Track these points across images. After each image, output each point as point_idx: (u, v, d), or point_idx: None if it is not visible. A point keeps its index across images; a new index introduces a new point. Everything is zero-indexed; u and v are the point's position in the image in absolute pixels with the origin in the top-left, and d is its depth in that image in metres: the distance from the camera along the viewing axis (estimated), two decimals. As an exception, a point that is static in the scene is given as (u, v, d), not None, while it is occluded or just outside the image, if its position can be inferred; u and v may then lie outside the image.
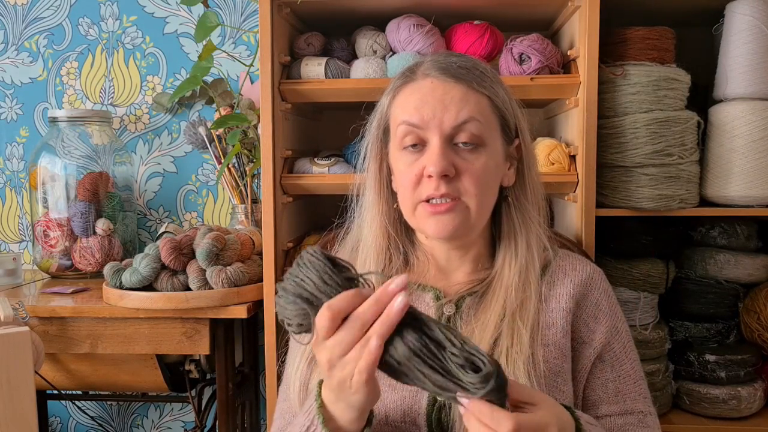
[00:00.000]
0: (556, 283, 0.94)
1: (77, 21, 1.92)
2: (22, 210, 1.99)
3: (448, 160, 0.85)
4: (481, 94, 0.88)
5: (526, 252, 0.91)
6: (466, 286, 0.94)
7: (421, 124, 0.86)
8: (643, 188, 1.32)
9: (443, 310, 0.91)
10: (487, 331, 0.86)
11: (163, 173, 1.93)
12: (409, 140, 0.88)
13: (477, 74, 0.88)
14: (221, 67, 1.83)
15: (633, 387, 0.93)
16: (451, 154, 0.86)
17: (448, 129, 0.86)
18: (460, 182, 0.86)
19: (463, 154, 0.86)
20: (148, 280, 1.38)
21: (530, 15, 1.49)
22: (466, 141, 0.86)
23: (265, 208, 1.37)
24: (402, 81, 0.91)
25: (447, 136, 0.86)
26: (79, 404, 2.01)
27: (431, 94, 0.87)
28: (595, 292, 0.95)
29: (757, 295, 1.46)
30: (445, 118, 0.85)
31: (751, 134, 1.31)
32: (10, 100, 1.97)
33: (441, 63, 0.89)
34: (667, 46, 1.34)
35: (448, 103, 0.86)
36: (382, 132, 0.94)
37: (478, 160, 0.86)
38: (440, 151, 0.85)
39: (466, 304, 0.92)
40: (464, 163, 0.86)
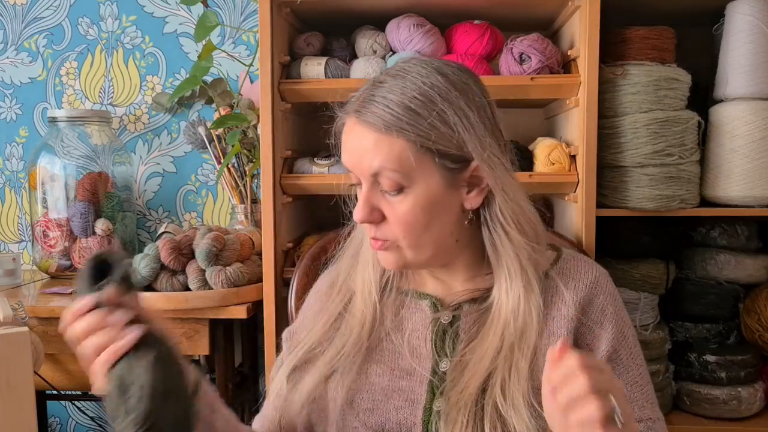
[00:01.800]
0: (559, 288, 0.90)
1: (77, 21, 1.92)
2: (22, 210, 1.99)
3: (370, 208, 0.83)
4: (397, 137, 0.80)
5: (518, 272, 0.86)
6: (464, 293, 0.91)
7: (350, 168, 0.85)
8: (643, 188, 1.31)
9: (440, 318, 0.89)
10: (484, 361, 0.84)
11: (163, 173, 1.93)
12: (353, 178, 0.87)
13: (393, 113, 0.80)
14: (221, 67, 1.83)
15: (641, 394, 0.90)
16: (376, 199, 0.84)
17: (367, 176, 0.83)
18: (387, 226, 0.84)
19: (388, 198, 0.83)
20: (148, 280, 1.38)
21: (530, 15, 1.48)
22: (387, 189, 0.83)
23: (264, 208, 1.36)
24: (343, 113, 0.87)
25: (371, 183, 0.83)
26: (78, 405, 2.00)
27: (350, 138, 0.84)
28: (600, 296, 0.91)
29: (757, 296, 1.45)
30: (361, 167, 0.83)
31: (751, 134, 1.31)
32: (9, 100, 1.96)
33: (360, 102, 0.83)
34: (668, 46, 1.34)
35: (361, 151, 0.82)
36: None
37: (402, 204, 0.82)
38: (363, 199, 0.84)
39: (465, 312, 0.89)
40: (389, 207, 0.83)
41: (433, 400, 0.85)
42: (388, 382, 0.88)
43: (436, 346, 0.88)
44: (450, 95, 0.82)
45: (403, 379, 0.87)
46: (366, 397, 0.88)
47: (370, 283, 0.92)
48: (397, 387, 0.87)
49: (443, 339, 0.88)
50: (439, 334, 0.88)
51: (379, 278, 0.93)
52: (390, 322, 0.91)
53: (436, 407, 0.84)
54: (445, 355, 0.87)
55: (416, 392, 0.86)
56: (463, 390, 0.82)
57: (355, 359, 0.89)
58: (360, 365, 0.89)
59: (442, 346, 0.88)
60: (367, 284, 0.92)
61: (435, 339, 0.88)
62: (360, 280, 0.93)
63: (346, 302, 0.94)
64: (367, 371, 0.89)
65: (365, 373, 0.89)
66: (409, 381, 0.87)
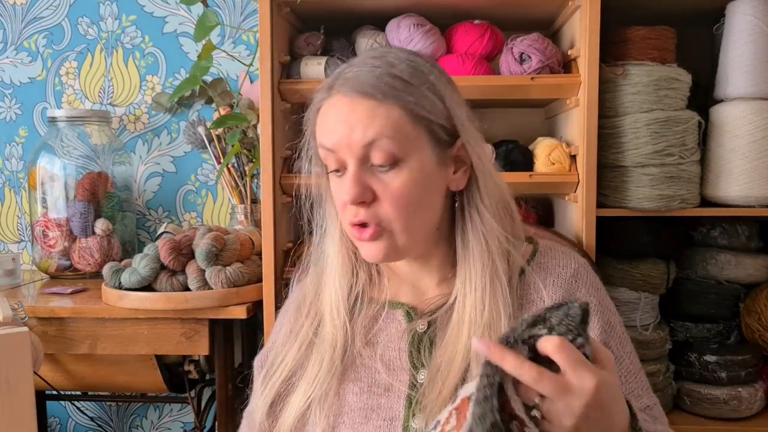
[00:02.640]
0: (536, 284, 0.86)
1: (76, 20, 1.92)
2: (21, 210, 1.99)
3: (361, 186, 0.79)
4: (392, 105, 0.78)
5: (485, 262, 0.83)
6: (435, 299, 0.88)
7: (335, 148, 0.80)
8: (643, 188, 1.31)
9: (416, 327, 0.86)
10: (456, 362, 0.80)
11: (163, 173, 1.93)
12: (331, 165, 0.82)
13: (386, 82, 0.79)
14: (221, 67, 1.83)
15: (635, 383, 0.88)
16: (366, 177, 0.79)
17: (357, 150, 0.78)
18: (379, 206, 0.80)
19: (379, 175, 0.79)
20: (148, 280, 1.38)
21: (530, 15, 1.48)
22: (380, 163, 0.79)
23: (264, 208, 1.36)
24: (321, 97, 0.84)
25: (360, 158, 0.79)
26: (78, 405, 2.00)
27: (338, 114, 0.80)
28: (581, 289, 0.87)
29: (757, 296, 1.45)
30: (352, 139, 0.78)
31: (752, 134, 1.31)
32: (9, 99, 1.96)
33: (349, 74, 0.81)
34: (668, 46, 1.34)
35: (354, 122, 0.78)
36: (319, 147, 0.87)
37: (396, 179, 0.79)
38: (353, 177, 0.79)
39: (439, 319, 0.85)
40: (381, 185, 0.79)
41: (411, 418, 0.81)
42: (366, 401, 0.84)
43: (413, 356, 0.84)
44: (434, 71, 0.83)
45: (381, 396, 0.84)
46: (347, 421, 0.84)
47: (338, 301, 0.88)
48: (375, 405, 0.83)
49: (419, 349, 0.84)
50: (415, 344, 0.85)
51: (347, 294, 0.89)
52: (363, 338, 0.87)
53: (414, 425, 0.80)
54: (422, 366, 0.83)
55: (394, 409, 0.82)
56: (437, 396, 0.79)
57: (330, 384, 0.85)
58: (336, 389, 0.85)
59: (418, 356, 0.84)
60: (334, 304, 0.88)
61: (411, 350, 0.85)
62: (327, 301, 0.89)
63: (315, 326, 0.90)
64: (344, 393, 0.85)
65: (342, 395, 0.85)
66: (387, 398, 0.83)
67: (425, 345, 0.85)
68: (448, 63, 1.38)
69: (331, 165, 0.82)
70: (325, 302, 0.90)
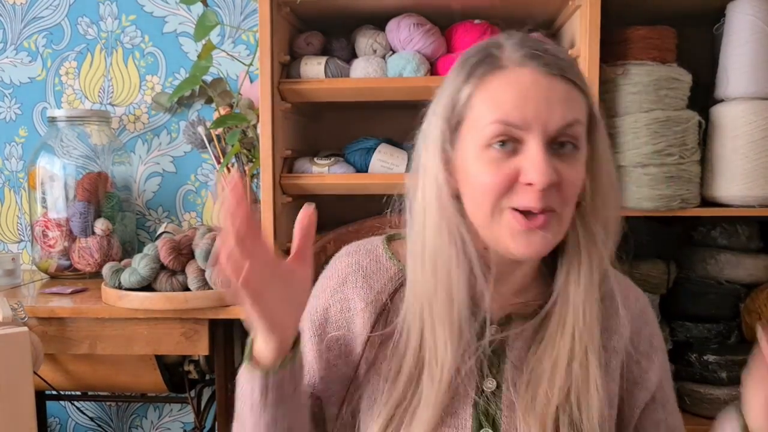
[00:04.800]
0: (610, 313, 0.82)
1: (76, 20, 1.92)
2: (21, 210, 1.98)
3: (553, 168, 0.71)
4: (580, 91, 0.75)
5: (588, 269, 0.78)
6: (511, 306, 0.82)
7: (522, 125, 0.72)
8: (643, 188, 1.31)
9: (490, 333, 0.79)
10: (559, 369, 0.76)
11: (162, 173, 1.93)
12: (499, 138, 0.73)
13: (575, 68, 0.76)
14: (220, 67, 1.83)
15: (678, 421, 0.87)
16: (552, 159, 0.72)
17: (553, 131, 0.72)
18: (558, 192, 0.73)
19: (563, 158, 0.73)
20: (147, 280, 1.38)
21: (531, 14, 1.48)
22: (564, 142, 0.73)
23: (264, 208, 1.36)
24: (486, 68, 0.75)
25: (551, 138, 0.73)
26: (78, 405, 2.00)
27: (533, 89, 0.73)
28: (648, 326, 0.85)
29: (758, 296, 1.45)
30: (550, 118, 0.72)
31: (752, 134, 1.31)
32: (8, 99, 1.96)
33: (535, 50, 0.75)
34: (668, 46, 1.34)
35: (554, 101, 0.72)
36: (454, 126, 0.78)
37: (576, 165, 0.74)
38: (544, 157, 0.71)
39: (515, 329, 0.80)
40: (566, 170, 0.73)
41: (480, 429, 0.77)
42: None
43: (483, 363, 0.79)
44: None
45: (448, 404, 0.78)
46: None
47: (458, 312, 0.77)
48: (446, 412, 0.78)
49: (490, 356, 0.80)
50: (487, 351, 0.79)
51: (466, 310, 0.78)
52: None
53: None
54: (491, 374, 0.79)
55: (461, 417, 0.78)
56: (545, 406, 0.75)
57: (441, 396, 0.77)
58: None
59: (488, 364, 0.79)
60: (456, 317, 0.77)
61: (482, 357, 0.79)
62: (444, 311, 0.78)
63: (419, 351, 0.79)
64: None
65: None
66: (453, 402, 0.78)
67: (498, 353, 0.80)
68: (448, 63, 1.38)
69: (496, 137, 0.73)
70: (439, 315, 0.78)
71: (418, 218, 0.80)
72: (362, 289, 0.84)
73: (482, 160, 0.74)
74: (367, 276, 0.85)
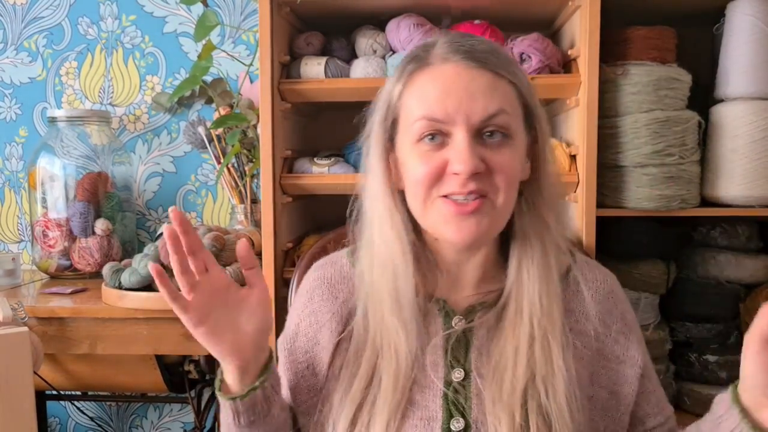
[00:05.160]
0: (579, 287, 0.86)
1: (76, 20, 1.92)
2: (21, 210, 1.99)
3: (477, 157, 0.75)
4: (508, 81, 0.78)
5: (541, 255, 0.81)
6: (474, 296, 0.85)
7: (445, 119, 0.76)
8: (643, 188, 1.31)
9: (454, 324, 0.83)
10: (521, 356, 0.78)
11: (163, 173, 1.93)
12: (423, 133, 0.78)
13: (502, 59, 0.79)
14: (221, 67, 1.83)
15: (662, 393, 0.89)
16: (478, 148, 0.76)
17: (476, 122, 0.76)
18: (489, 178, 0.77)
19: (491, 146, 0.77)
20: (148, 280, 1.38)
21: (530, 14, 1.48)
22: (493, 132, 0.76)
23: (264, 208, 1.36)
24: (415, 66, 0.80)
25: (476, 129, 0.76)
26: (78, 405, 2.00)
27: (455, 82, 0.76)
28: (619, 304, 0.88)
29: (758, 296, 1.45)
30: (472, 110, 0.75)
31: (752, 134, 1.31)
32: (9, 99, 1.96)
33: (461, 45, 0.78)
34: (668, 46, 1.34)
35: (476, 92, 0.75)
36: (390, 125, 0.83)
37: (506, 153, 0.77)
38: (468, 147, 0.75)
39: (479, 319, 0.83)
40: (493, 157, 0.76)
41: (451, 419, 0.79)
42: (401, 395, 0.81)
43: (449, 355, 0.82)
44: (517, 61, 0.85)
45: (416, 392, 0.81)
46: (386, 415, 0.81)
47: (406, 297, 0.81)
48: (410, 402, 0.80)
49: (455, 347, 0.82)
50: (453, 342, 0.82)
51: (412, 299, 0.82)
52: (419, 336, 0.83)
53: (454, 427, 0.78)
54: (458, 364, 0.82)
55: (431, 408, 0.80)
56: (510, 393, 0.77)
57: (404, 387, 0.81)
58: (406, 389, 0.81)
59: (454, 354, 0.82)
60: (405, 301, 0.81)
61: (448, 348, 0.82)
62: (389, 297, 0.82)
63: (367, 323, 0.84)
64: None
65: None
66: (423, 395, 0.81)
67: (462, 344, 0.82)
68: (448, 63, 1.38)
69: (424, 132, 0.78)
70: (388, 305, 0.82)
71: (368, 215, 0.85)
72: (328, 301, 0.89)
73: (414, 153, 0.79)
74: (331, 287, 0.89)
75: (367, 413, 0.79)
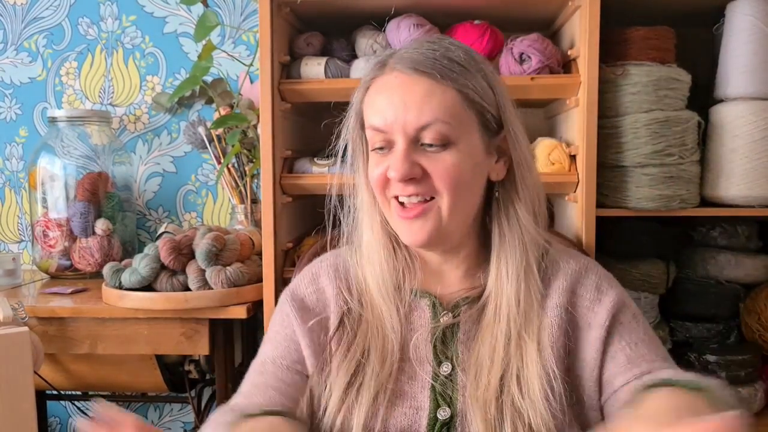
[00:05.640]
0: (550, 279, 0.88)
1: (77, 21, 1.92)
2: (22, 210, 1.99)
3: (410, 163, 0.79)
4: (448, 87, 0.79)
5: (520, 253, 0.84)
6: (460, 292, 0.89)
7: (385, 128, 0.81)
8: (643, 188, 1.31)
9: (441, 319, 0.86)
10: (497, 354, 0.82)
11: (163, 173, 1.93)
12: (376, 143, 0.83)
13: (444, 64, 0.80)
14: (221, 67, 1.83)
15: (645, 351, 0.84)
16: (416, 155, 0.80)
17: (411, 131, 0.79)
18: (428, 182, 0.81)
19: (429, 154, 0.80)
20: (148, 280, 1.38)
21: (530, 15, 1.48)
22: (431, 142, 0.80)
23: (264, 208, 1.36)
24: (373, 74, 0.84)
25: (412, 138, 0.80)
26: (78, 405, 2.00)
27: (394, 92, 0.80)
28: (591, 276, 0.89)
29: (757, 296, 1.45)
30: (407, 120, 0.79)
31: (751, 134, 1.31)
32: (9, 100, 1.96)
33: (407, 54, 0.81)
34: (668, 46, 1.34)
35: (410, 102, 0.79)
36: (360, 127, 0.88)
37: (446, 159, 0.80)
38: (402, 155, 0.79)
39: (464, 313, 0.87)
40: (431, 163, 0.80)
41: (437, 408, 0.83)
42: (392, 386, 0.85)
43: (436, 348, 0.85)
44: (486, 63, 0.86)
45: (405, 383, 0.85)
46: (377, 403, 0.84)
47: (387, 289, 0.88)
48: (400, 392, 0.84)
49: (443, 341, 0.86)
50: (439, 336, 0.86)
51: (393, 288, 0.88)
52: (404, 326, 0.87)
53: (441, 416, 0.82)
54: (445, 358, 0.85)
55: (419, 399, 0.84)
56: (484, 390, 0.80)
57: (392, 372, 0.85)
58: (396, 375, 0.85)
59: (442, 348, 0.85)
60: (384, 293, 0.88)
61: (435, 341, 0.86)
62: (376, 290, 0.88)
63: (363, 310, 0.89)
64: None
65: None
66: (411, 386, 0.85)
67: (449, 338, 0.86)
68: (448, 63, 1.38)
69: (376, 143, 0.83)
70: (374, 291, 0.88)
71: (359, 214, 0.91)
72: (333, 280, 0.93)
73: (372, 159, 0.85)
74: (336, 271, 0.94)
75: (357, 386, 0.83)
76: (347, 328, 0.88)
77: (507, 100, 0.86)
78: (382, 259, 0.89)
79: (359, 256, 0.92)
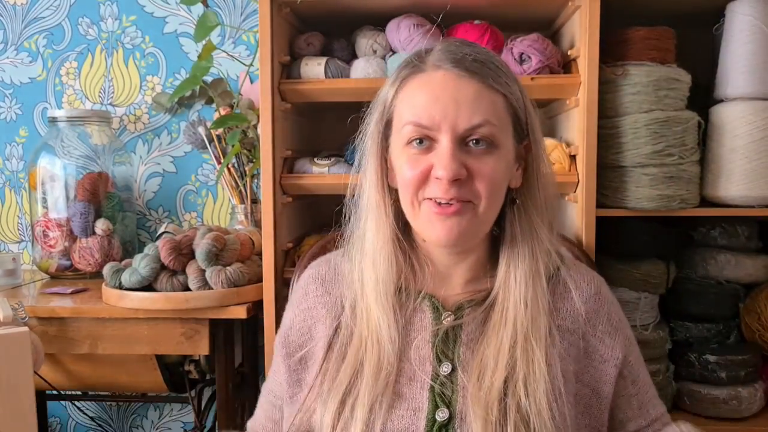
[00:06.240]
0: (567, 287, 0.88)
1: (77, 21, 1.92)
2: (22, 210, 1.99)
3: (459, 163, 0.78)
4: (496, 91, 0.80)
5: (529, 260, 0.84)
6: (464, 295, 0.88)
7: (431, 125, 0.79)
8: (643, 188, 1.31)
9: (443, 320, 0.86)
10: (502, 356, 0.81)
11: (163, 173, 1.93)
12: (411, 137, 0.82)
13: (493, 69, 0.81)
14: (221, 67, 1.83)
15: (650, 394, 0.91)
16: (462, 155, 0.79)
17: (460, 131, 0.79)
18: (470, 185, 0.80)
19: (474, 154, 0.80)
20: (148, 280, 1.38)
21: (530, 15, 1.48)
22: (478, 140, 0.79)
23: (264, 209, 1.36)
24: (409, 71, 0.83)
25: (460, 137, 0.79)
26: (78, 405, 2.00)
27: (442, 90, 0.79)
28: (605, 306, 0.90)
29: (757, 296, 1.45)
30: (458, 119, 0.78)
31: (751, 134, 1.31)
32: (9, 100, 1.96)
33: (454, 53, 0.81)
34: (668, 46, 1.34)
35: (461, 102, 0.78)
36: (384, 125, 0.86)
37: (489, 162, 0.80)
38: (451, 153, 0.78)
39: (467, 315, 0.86)
40: (476, 164, 0.79)
41: (436, 410, 0.82)
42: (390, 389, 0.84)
43: (437, 349, 0.85)
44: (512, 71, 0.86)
45: (404, 385, 0.84)
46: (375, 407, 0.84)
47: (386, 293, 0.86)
48: (399, 394, 0.84)
49: (444, 342, 0.85)
50: (441, 337, 0.85)
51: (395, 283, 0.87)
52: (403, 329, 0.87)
53: (439, 417, 0.81)
54: (446, 359, 0.84)
55: (417, 400, 0.83)
56: (487, 393, 0.80)
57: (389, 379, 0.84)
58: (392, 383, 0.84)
59: (442, 350, 0.85)
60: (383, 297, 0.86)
61: (436, 342, 0.85)
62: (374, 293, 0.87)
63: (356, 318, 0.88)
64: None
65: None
66: (410, 387, 0.84)
67: (450, 339, 0.86)
68: (448, 63, 1.38)
69: (412, 137, 0.81)
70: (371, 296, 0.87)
71: (363, 214, 0.89)
72: (322, 297, 0.92)
73: (404, 156, 0.82)
74: (325, 284, 0.93)
75: (351, 402, 0.82)
76: (335, 352, 0.87)
77: (532, 108, 0.87)
78: (387, 260, 0.87)
79: (361, 256, 0.90)
